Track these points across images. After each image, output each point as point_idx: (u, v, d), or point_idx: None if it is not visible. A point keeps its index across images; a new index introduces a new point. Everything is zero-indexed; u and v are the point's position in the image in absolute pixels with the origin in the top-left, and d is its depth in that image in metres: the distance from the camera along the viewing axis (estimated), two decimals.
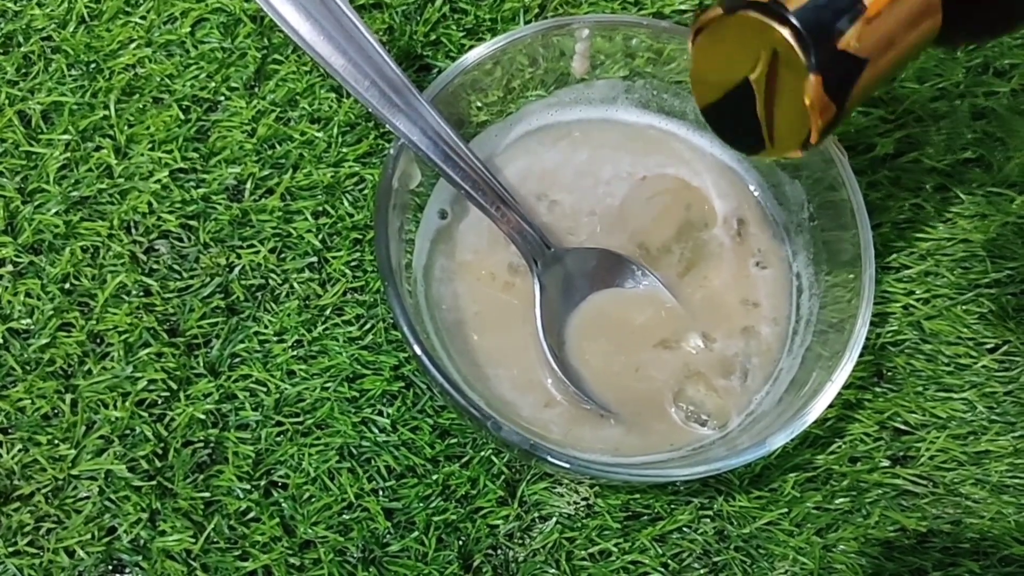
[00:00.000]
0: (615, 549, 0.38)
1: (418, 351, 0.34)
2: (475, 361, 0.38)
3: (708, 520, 0.39)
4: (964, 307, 0.43)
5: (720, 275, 0.41)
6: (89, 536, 0.37)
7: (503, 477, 0.39)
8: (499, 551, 0.38)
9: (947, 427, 0.42)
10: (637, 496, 0.39)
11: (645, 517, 0.39)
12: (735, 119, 0.29)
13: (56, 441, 0.38)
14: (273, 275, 0.41)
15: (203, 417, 0.39)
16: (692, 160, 0.43)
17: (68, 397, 0.39)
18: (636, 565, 0.38)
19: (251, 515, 0.38)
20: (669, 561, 0.38)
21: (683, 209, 0.42)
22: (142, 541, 0.37)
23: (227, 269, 0.41)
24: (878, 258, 0.43)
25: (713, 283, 0.41)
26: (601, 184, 0.42)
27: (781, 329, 0.41)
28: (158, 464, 0.38)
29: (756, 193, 0.43)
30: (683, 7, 0.46)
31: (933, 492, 0.41)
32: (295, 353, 0.40)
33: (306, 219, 0.42)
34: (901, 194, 0.45)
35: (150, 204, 0.41)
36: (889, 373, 0.42)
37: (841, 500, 0.40)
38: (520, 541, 0.39)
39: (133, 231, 0.41)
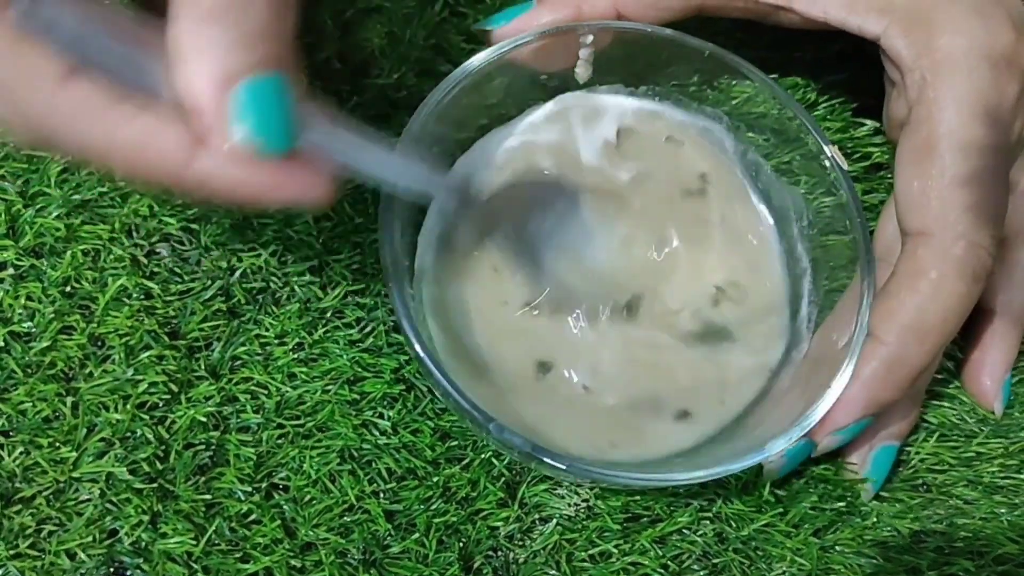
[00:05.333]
0: (615, 551, 0.38)
1: (420, 352, 0.34)
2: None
3: (708, 522, 0.39)
4: None
5: None
6: (90, 539, 0.37)
7: (503, 479, 0.39)
8: (499, 553, 0.39)
9: (938, 431, 0.42)
10: (637, 498, 0.39)
11: (645, 519, 0.39)
12: None
13: (57, 444, 0.38)
14: (274, 278, 0.41)
15: (204, 420, 0.39)
16: None
17: (69, 400, 0.38)
18: (636, 567, 0.38)
19: (252, 517, 0.38)
20: (669, 563, 0.38)
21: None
22: (143, 543, 0.37)
23: (228, 272, 0.41)
24: None
25: None
26: None
27: None
28: (159, 467, 0.38)
29: (756, 201, 0.43)
30: None
31: (925, 495, 0.41)
32: (296, 356, 0.40)
33: (307, 223, 0.42)
34: None
35: (151, 207, 0.41)
36: None
37: (838, 502, 0.40)
38: (520, 543, 0.39)
39: (134, 234, 0.41)
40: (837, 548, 0.39)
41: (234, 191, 0.28)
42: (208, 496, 0.38)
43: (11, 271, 0.40)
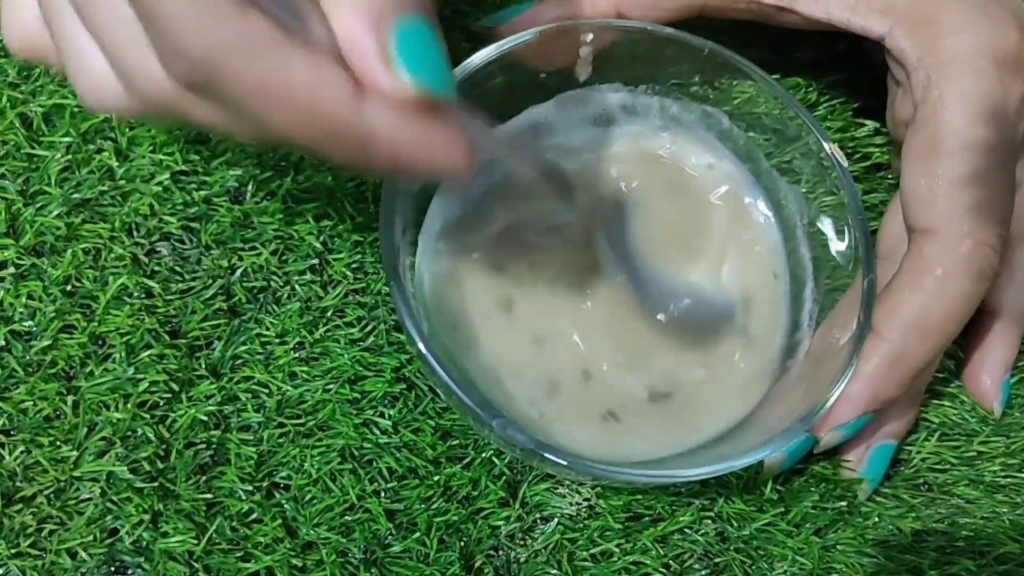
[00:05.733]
0: (617, 550, 0.38)
1: (423, 349, 0.34)
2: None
3: (709, 521, 0.39)
4: None
5: None
6: (91, 538, 0.37)
7: (504, 478, 0.39)
8: (500, 552, 0.39)
9: (939, 430, 0.43)
10: (639, 497, 0.39)
11: (647, 518, 0.39)
12: None
13: (58, 443, 0.38)
14: (275, 277, 0.41)
15: (205, 419, 0.39)
16: None
17: (70, 399, 0.38)
18: (638, 566, 0.38)
19: (253, 516, 0.38)
20: (671, 562, 0.38)
21: None
22: (144, 542, 0.37)
23: (229, 271, 0.41)
24: None
25: None
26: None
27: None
28: (160, 466, 0.38)
29: (757, 201, 0.43)
30: None
31: (926, 494, 0.41)
32: (297, 355, 0.40)
33: (308, 221, 0.42)
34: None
35: (151, 206, 0.41)
36: None
37: (839, 502, 0.40)
38: (522, 542, 0.39)
39: (135, 233, 0.41)
40: (838, 547, 0.39)
41: (398, 147, 0.26)
42: (209, 495, 0.38)
43: (12, 270, 0.40)
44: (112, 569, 0.37)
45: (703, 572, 0.39)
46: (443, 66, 0.26)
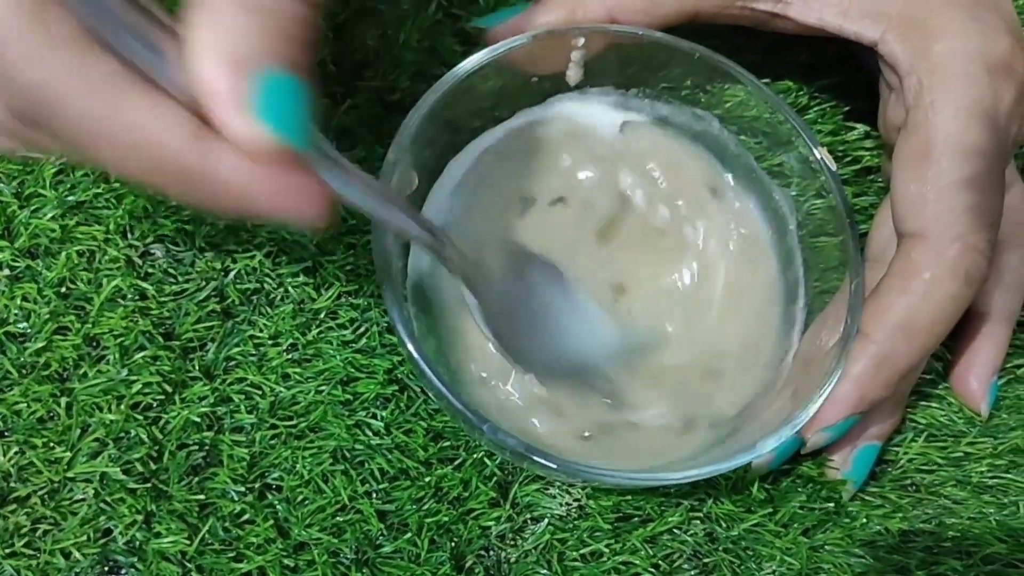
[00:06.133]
0: (606, 550, 0.39)
1: (414, 352, 0.34)
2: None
3: (698, 522, 0.40)
4: None
5: None
6: (85, 538, 0.37)
7: (495, 479, 0.40)
8: (491, 552, 0.39)
9: (926, 431, 0.43)
10: (628, 498, 0.40)
11: (636, 519, 0.39)
12: None
13: (52, 444, 0.38)
14: (268, 279, 0.41)
15: (198, 420, 0.39)
16: None
17: (64, 400, 0.39)
18: (627, 566, 0.39)
19: (245, 517, 0.38)
20: (660, 562, 0.39)
21: None
22: (137, 543, 0.37)
23: (222, 273, 0.41)
24: None
25: None
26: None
27: None
28: (153, 467, 0.38)
29: (747, 204, 0.43)
30: None
31: (914, 495, 0.42)
32: (289, 356, 0.40)
33: None
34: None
35: (146, 208, 0.41)
36: None
37: (827, 502, 0.40)
38: (512, 542, 0.39)
39: (129, 235, 0.41)
40: (826, 548, 0.40)
41: (243, 194, 0.26)
42: (202, 496, 0.38)
43: (6, 272, 0.40)
44: (105, 569, 0.37)
45: (692, 572, 0.39)
46: (303, 121, 0.26)
